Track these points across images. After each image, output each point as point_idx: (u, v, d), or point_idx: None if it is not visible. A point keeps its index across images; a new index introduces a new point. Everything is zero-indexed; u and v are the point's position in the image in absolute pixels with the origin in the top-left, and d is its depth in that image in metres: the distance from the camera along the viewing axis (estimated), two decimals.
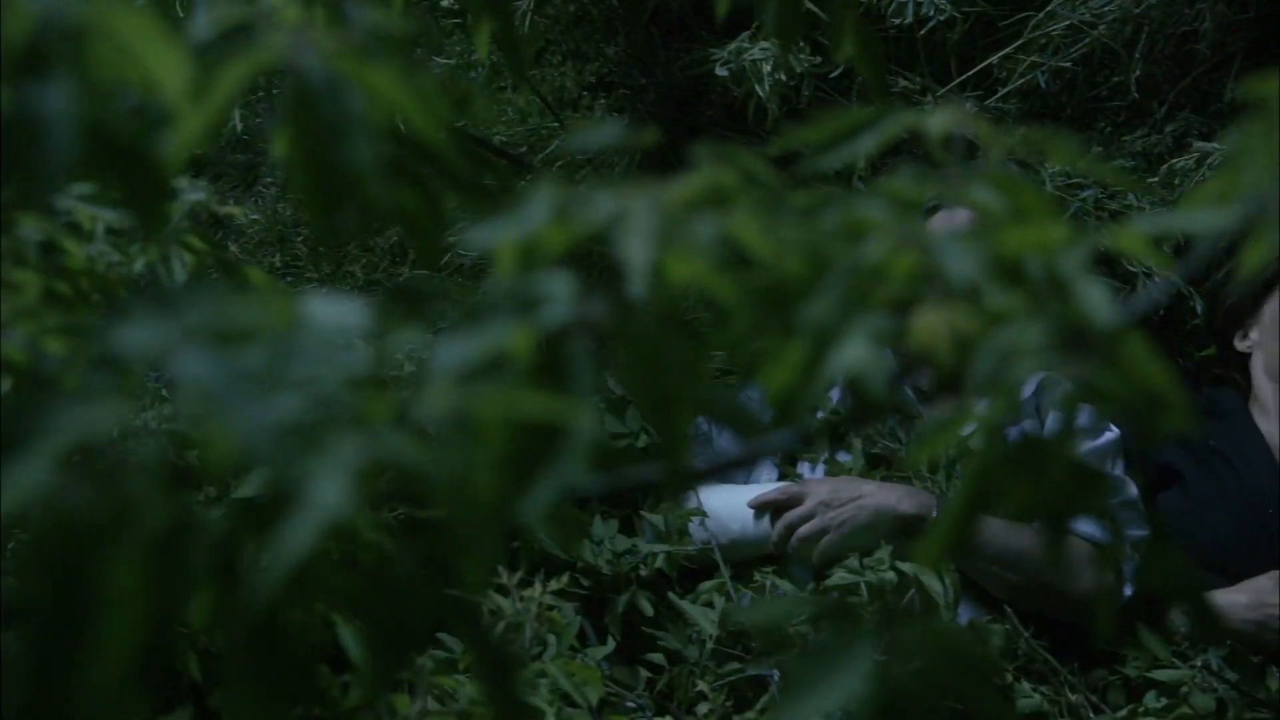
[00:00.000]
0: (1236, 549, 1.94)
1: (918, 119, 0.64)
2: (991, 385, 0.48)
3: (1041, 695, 1.78)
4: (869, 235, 0.50)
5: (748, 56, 1.73)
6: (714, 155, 0.58)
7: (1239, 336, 2.15)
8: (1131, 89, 2.30)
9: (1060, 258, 0.52)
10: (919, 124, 0.64)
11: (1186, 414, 0.51)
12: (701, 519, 1.92)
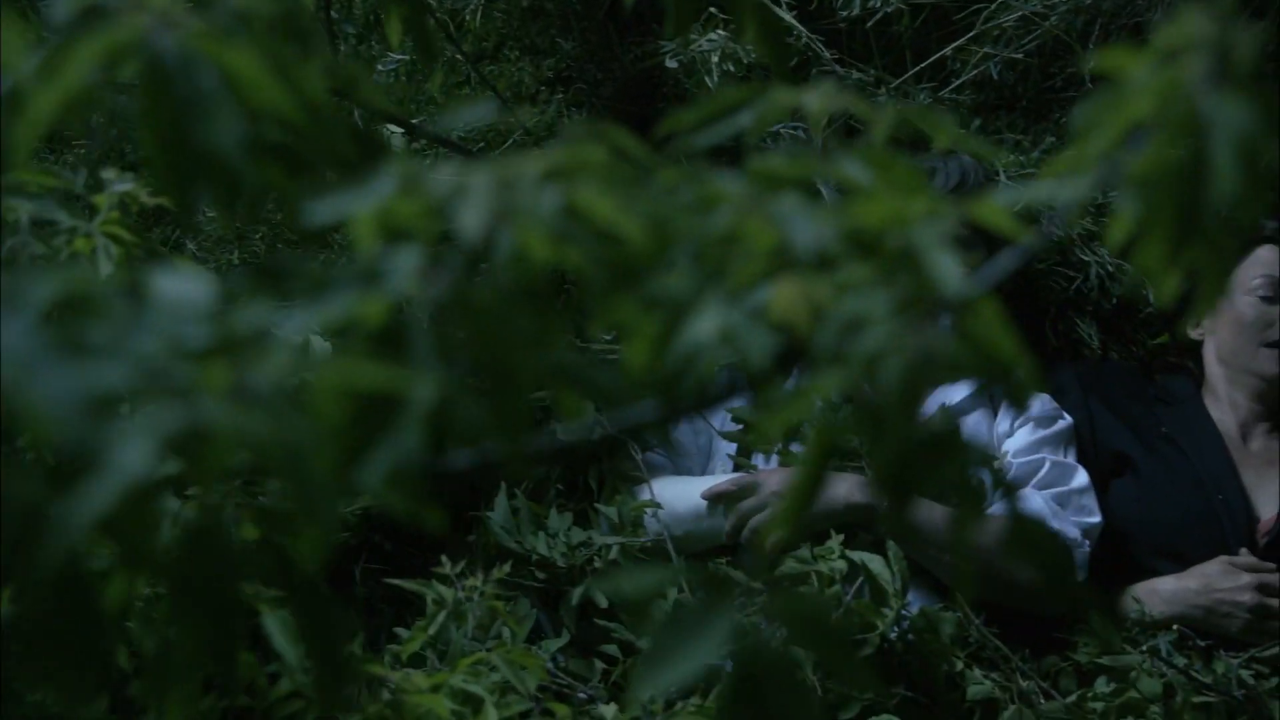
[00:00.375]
0: (1186, 535, 1.96)
1: (796, 97, 0.64)
2: (836, 355, 0.48)
3: (993, 682, 1.79)
4: (720, 207, 0.51)
5: (695, 48, 1.74)
6: (586, 132, 0.59)
7: (1192, 325, 2.17)
8: (1085, 79, 2.31)
9: (915, 230, 0.52)
10: (798, 102, 0.64)
11: (1034, 382, 0.52)
12: (656, 511, 1.92)
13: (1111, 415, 2.08)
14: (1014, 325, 0.55)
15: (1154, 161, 0.50)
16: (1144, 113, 0.51)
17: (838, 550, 1.77)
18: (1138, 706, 1.72)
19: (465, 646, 1.53)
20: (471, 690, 1.35)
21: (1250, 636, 1.83)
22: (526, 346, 0.47)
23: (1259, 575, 1.87)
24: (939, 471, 0.50)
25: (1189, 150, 0.50)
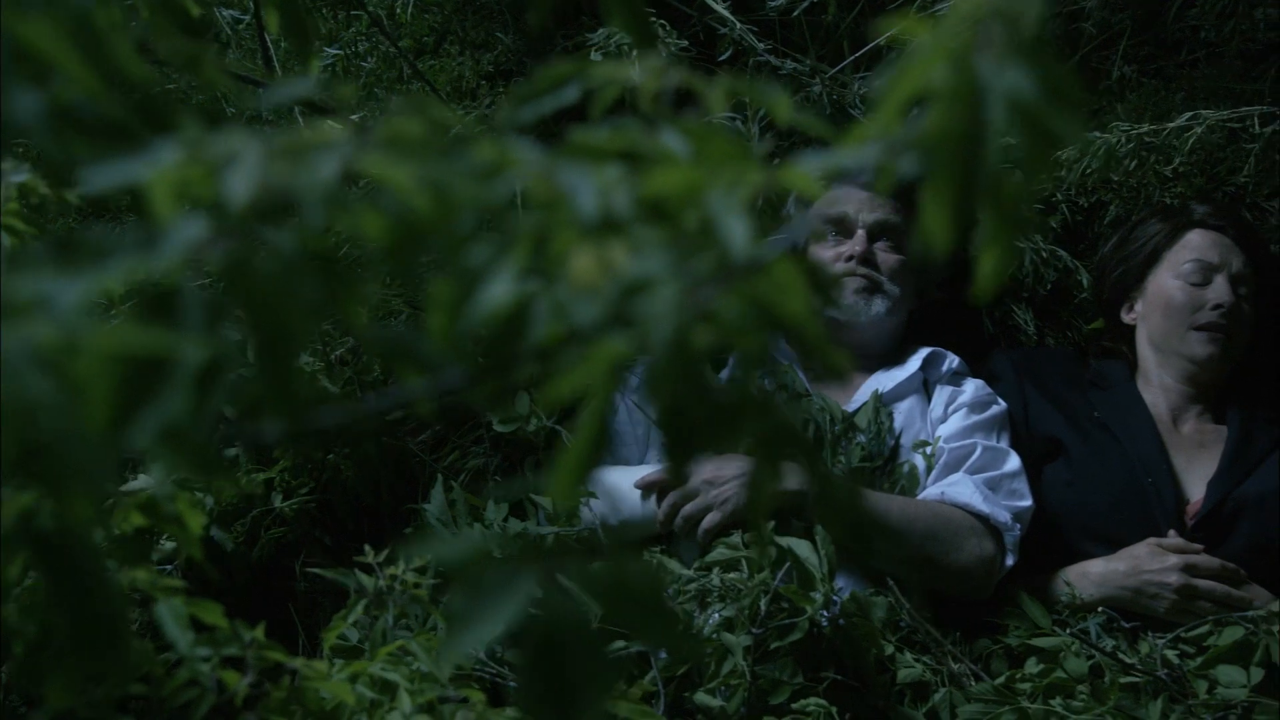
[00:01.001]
0: (1116, 518, 1.97)
1: (623, 72, 0.65)
2: (618, 318, 0.49)
3: (924, 665, 1.80)
4: (506, 174, 0.51)
5: (616, 39, 1.75)
6: (406, 106, 0.59)
7: (1125, 309, 2.19)
8: None
9: (712, 197, 0.53)
10: (626, 77, 0.65)
11: (824, 347, 0.53)
12: (590, 501, 1.93)
13: (1045, 400, 2.10)
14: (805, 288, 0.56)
15: (935, 126, 0.51)
16: (927, 79, 0.51)
17: (767, 537, 1.78)
18: (1065, 686, 1.74)
19: (396, 635, 1.53)
20: (389, 678, 1.36)
21: (1177, 616, 1.85)
22: (305, 314, 0.47)
23: (1186, 556, 1.88)
24: (730, 431, 0.51)
25: (968, 115, 0.51)
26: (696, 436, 0.51)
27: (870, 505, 0.56)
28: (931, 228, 0.51)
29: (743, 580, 1.76)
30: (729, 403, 0.52)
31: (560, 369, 0.50)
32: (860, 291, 2.07)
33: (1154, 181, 2.19)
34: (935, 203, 0.51)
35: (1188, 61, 2.33)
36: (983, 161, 0.50)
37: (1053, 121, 0.52)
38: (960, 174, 0.50)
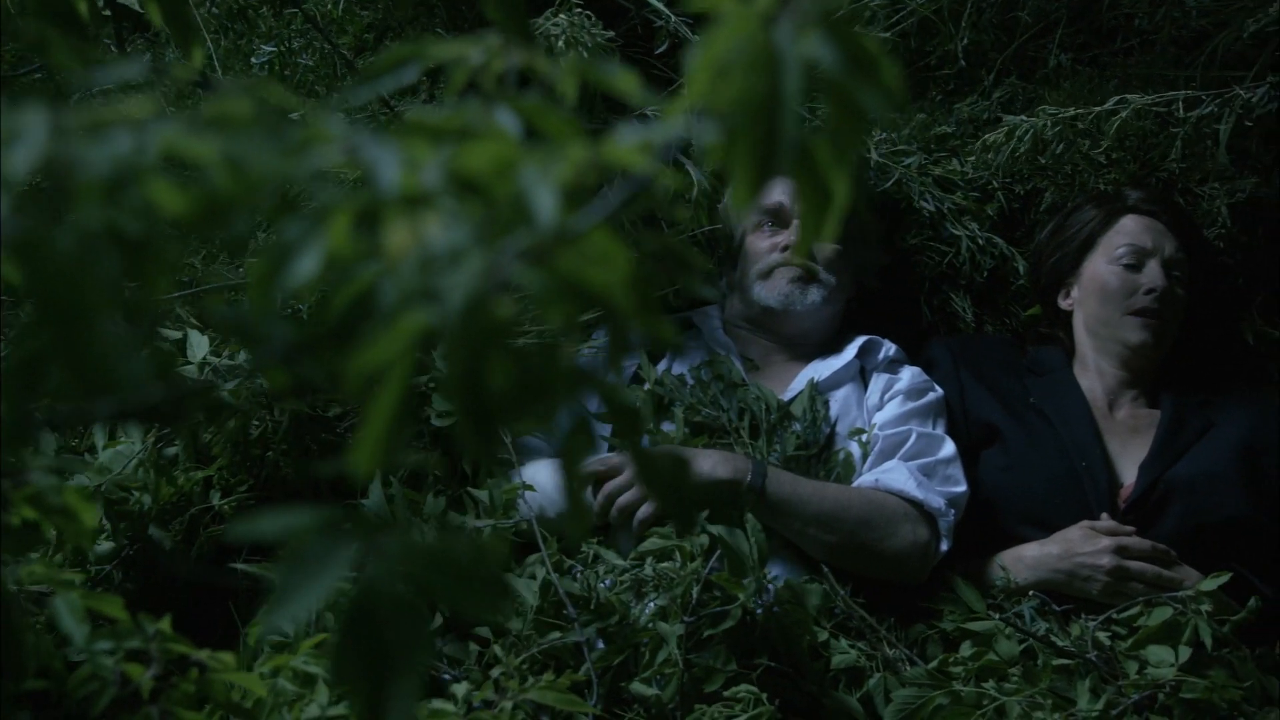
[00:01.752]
0: (1051, 502, 1.99)
1: (461, 50, 0.66)
2: (421, 291, 0.49)
3: (858, 651, 1.81)
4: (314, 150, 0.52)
5: (540, 31, 1.75)
6: (236, 87, 0.60)
7: (1062, 296, 2.20)
8: (959, 57, 2.35)
9: (523, 172, 0.54)
10: (464, 54, 0.66)
11: (644, 318, 0.53)
12: (528, 493, 1.93)
13: (981, 387, 2.11)
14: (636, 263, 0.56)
15: (733, 93, 0.51)
16: (728, 49, 0.52)
17: (700, 526, 1.79)
18: (997, 669, 1.75)
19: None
20: (312, 671, 1.36)
21: (1110, 598, 1.87)
22: (100, 290, 0.48)
23: (1118, 539, 1.90)
24: (538, 403, 0.52)
25: (766, 83, 0.51)
26: (503, 409, 0.51)
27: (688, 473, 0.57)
28: (734, 193, 0.52)
29: (675, 569, 1.77)
30: (538, 374, 0.52)
31: (364, 342, 0.51)
32: (795, 281, 2.08)
33: (1088, 168, 2.21)
34: (736, 169, 0.51)
35: (1122, 50, 2.35)
36: (781, 128, 0.51)
37: (859, 92, 0.53)
38: (759, 141, 0.51)
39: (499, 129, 0.59)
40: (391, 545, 0.54)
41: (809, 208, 0.53)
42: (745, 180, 0.52)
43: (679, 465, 0.58)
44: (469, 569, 0.55)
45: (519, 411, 0.51)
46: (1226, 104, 2.08)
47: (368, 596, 0.53)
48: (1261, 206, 2.22)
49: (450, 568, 0.54)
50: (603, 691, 1.73)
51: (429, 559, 0.54)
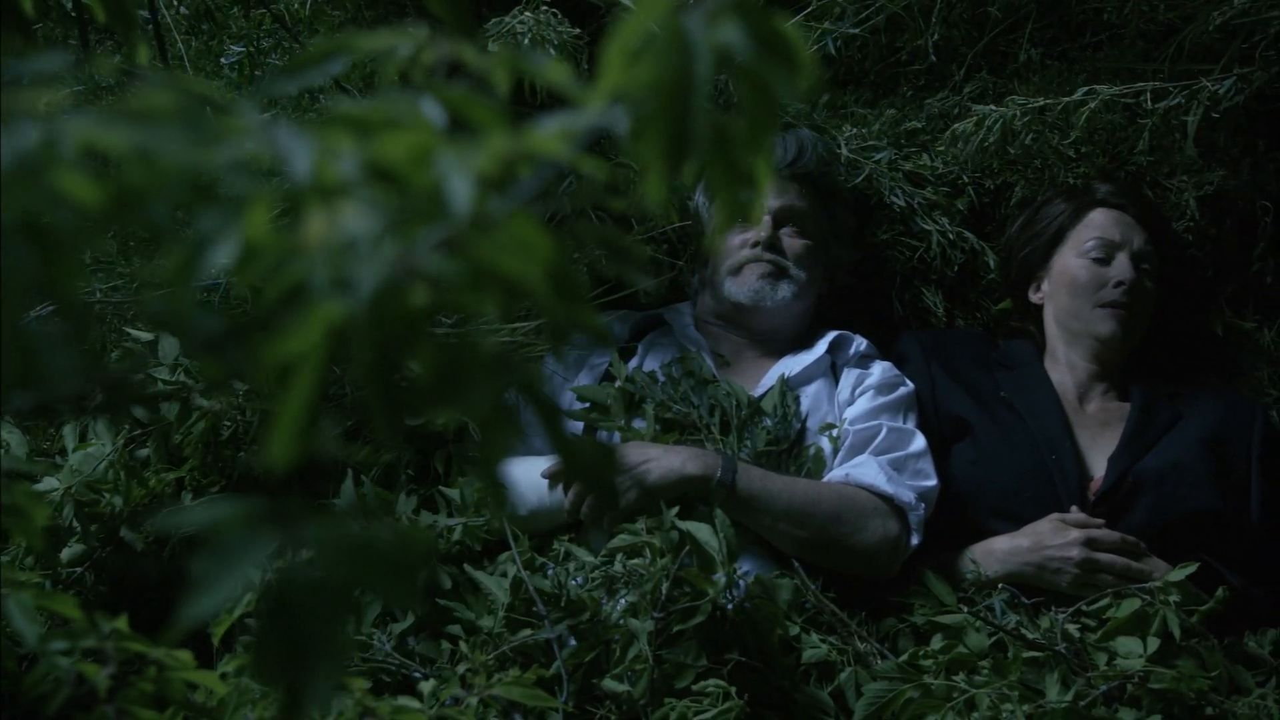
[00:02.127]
0: (1021, 496, 1.99)
1: (390, 41, 0.66)
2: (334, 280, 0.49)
3: (829, 645, 1.81)
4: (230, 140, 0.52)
5: (508, 29, 1.75)
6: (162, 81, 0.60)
7: (1032, 289, 2.21)
8: (929, 53, 2.35)
9: (439, 160, 0.54)
10: (391, 45, 0.66)
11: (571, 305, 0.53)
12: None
13: (952, 381, 2.11)
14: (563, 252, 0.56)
15: (644, 78, 0.52)
16: (640, 35, 0.52)
17: (669, 522, 1.79)
18: (967, 662, 1.75)
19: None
20: None
21: (1080, 590, 1.87)
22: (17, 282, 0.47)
23: (1087, 531, 1.90)
24: (452, 394, 0.52)
25: (677, 67, 0.51)
26: (418, 399, 0.51)
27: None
28: (647, 181, 0.52)
29: (645, 565, 1.77)
30: (454, 364, 0.52)
31: (278, 332, 0.51)
32: (765, 277, 2.08)
33: (1057, 162, 2.22)
34: (648, 154, 0.51)
35: (1091, 44, 2.35)
36: (692, 114, 0.51)
37: (770, 77, 0.53)
38: (671, 126, 0.51)
39: (421, 119, 0.59)
40: (312, 535, 0.54)
41: (724, 193, 0.53)
42: (658, 167, 0.52)
43: (604, 453, 0.58)
44: (389, 559, 0.55)
45: (434, 401, 0.51)
46: (1193, 97, 2.09)
47: (286, 586, 0.53)
48: (1229, 199, 2.23)
49: (371, 557, 0.54)
50: (574, 688, 1.73)
51: (349, 548, 0.54)
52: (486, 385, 0.54)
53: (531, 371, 0.55)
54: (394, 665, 1.74)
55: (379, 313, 0.48)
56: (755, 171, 0.56)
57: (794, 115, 2.23)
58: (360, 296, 0.48)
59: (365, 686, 1.34)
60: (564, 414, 2.06)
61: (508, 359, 0.55)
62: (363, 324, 0.48)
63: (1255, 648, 1.86)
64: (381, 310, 0.48)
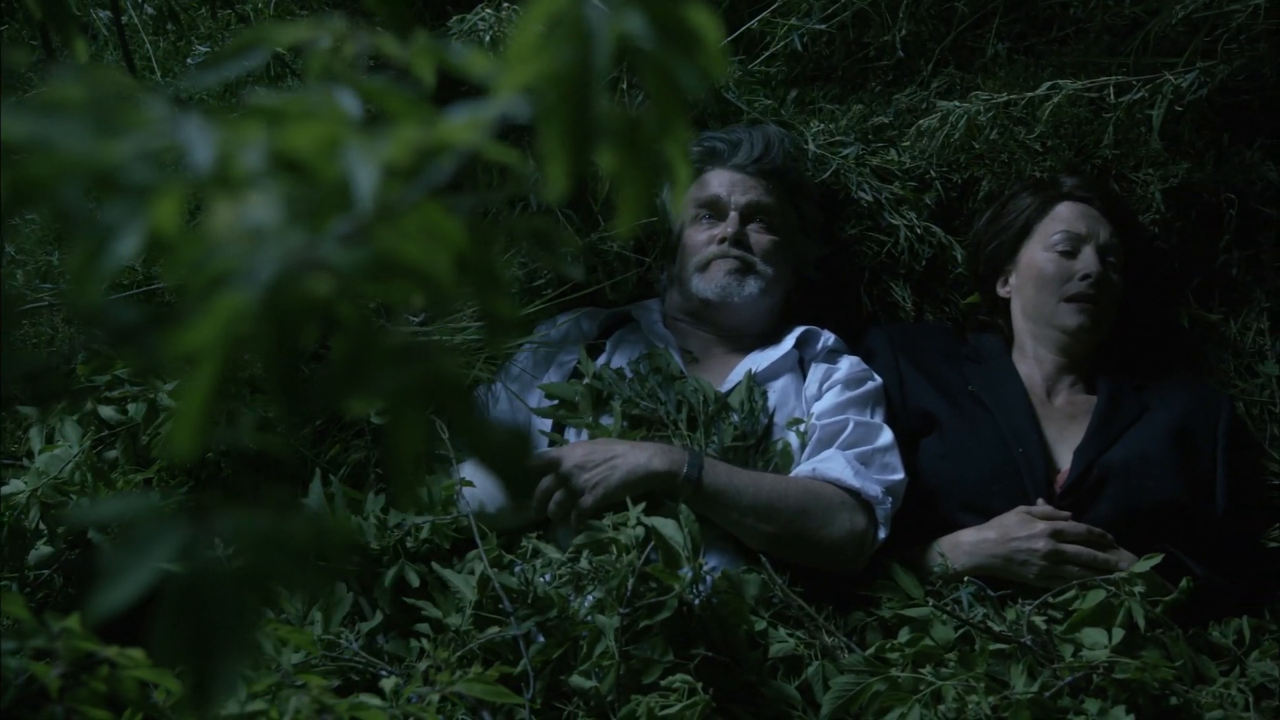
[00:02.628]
0: (989, 489, 2.00)
1: (307, 33, 0.66)
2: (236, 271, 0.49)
3: (797, 640, 1.82)
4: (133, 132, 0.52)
5: (470, 26, 1.75)
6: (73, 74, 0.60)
7: (1000, 283, 2.22)
8: (897, 48, 2.36)
9: (346, 151, 0.54)
10: (308, 37, 0.66)
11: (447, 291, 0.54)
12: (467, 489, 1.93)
13: (920, 375, 2.12)
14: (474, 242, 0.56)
15: (545, 68, 0.52)
16: (543, 24, 0.52)
17: (634, 518, 1.79)
18: (934, 654, 1.76)
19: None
20: None
21: (1047, 582, 1.88)
22: None
23: (1053, 523, 1.91)
24: (356, 383, 0.52)
25: (578, 57, 0.52)
26: (325, 389, 0.52)
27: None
28: (548, 169, 0.52)
29: (611, 561, 1.77)
30: (359, 353, 0.52)
31: (182, 323, 0.51)
32: (733, 273, 2.09)
33: (1024, 156, 2.22)
34: (550, 144, 0.51)
35: (1058, 38, 2.36)
36: (592, 103, 0.51)
37: (675, 67, 0.53)
38: (572, 115, 0.51)
39: (332, 111, 0.59)
40: (223, 526, 0.54)
41: (631, 185, 0.54)
42: (559, 157, 0.52)
43: (517, 440, 0.58)
44: (301, 550, 0.55)
45: (341, 390, 0.51)
46: (1157, 90, 2.10)
47: (194, 576, 0.53)
48: (1194, 192, 2.24)
49: (281, 549, 0.54)
50: (542, 685, 1.73)
51: (260, 540, 0.54)
52: (394, 374, 0.54)
53: (442, 360, 0.55)
54: (361, 664, 1.73)
55: (276, 303, 0.48)
56: (672, 161, 0.56)
57: (761, 111, 2.24)
58: (257, 287, 0.48)
59: (323, 684, 1.34)
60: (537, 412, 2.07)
61: (418, 348, 0.55)
62: (260, 314, 0.48)
63: (1219, 638, 1.87)
64: (278, 300, 0.48)
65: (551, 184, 0.53)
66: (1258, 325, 2.22)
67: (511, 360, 2.12)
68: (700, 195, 2.13)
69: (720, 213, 2.12)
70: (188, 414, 0.51)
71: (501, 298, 0.59)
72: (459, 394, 0.57)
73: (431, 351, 0.55)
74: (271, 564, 0.54)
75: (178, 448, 0.52)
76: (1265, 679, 1.74)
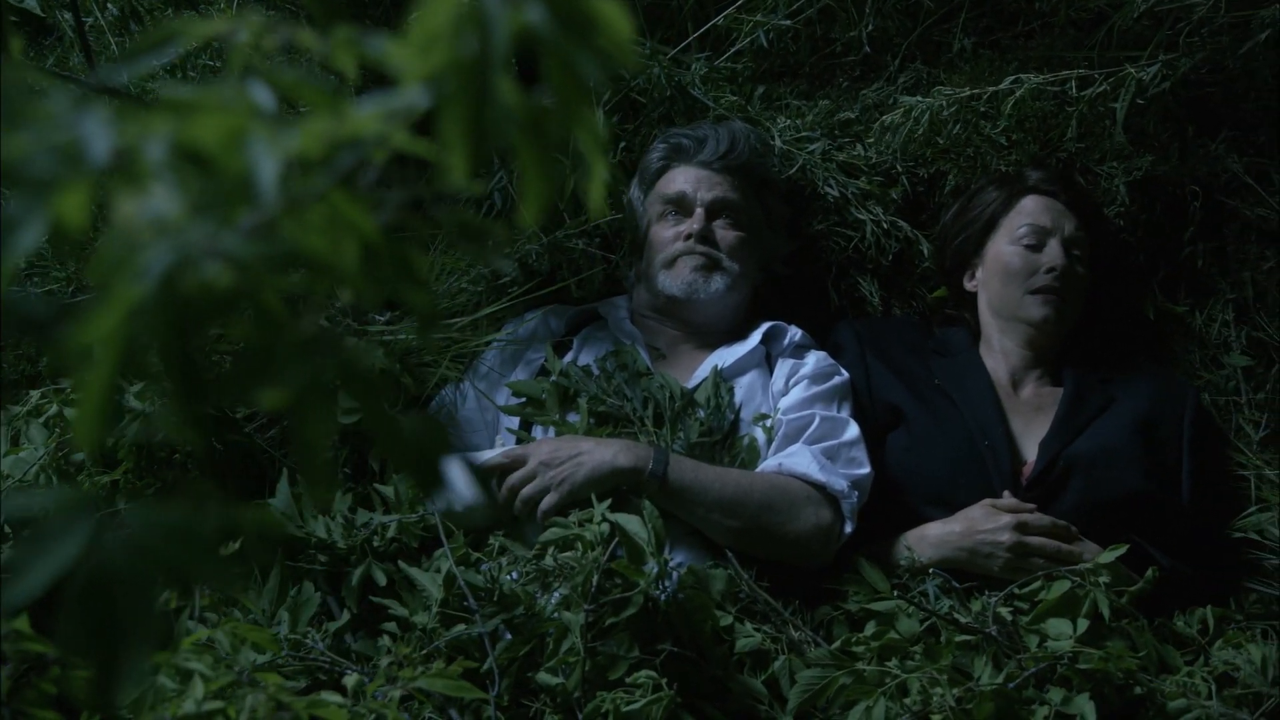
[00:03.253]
0: (954, 482, 2.00)
1: (222, 27, 0.66)
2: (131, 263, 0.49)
3: (763, 634, 1.82)
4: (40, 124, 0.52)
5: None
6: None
7: (966, 277, 2.22)
8: (864, 44, 2.36)
9: (249, 143, 0.54)
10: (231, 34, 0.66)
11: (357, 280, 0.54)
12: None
13: (887, 369, 2.13)
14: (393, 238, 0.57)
15: (444, 57, 0.52)
16: (442, 14, 0.52)
17: (599, 515, 1.79)
18: (899, 647, 1.76)
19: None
20: (192, 667, 1.35)
21: (1012, 574, 1.88)
22: None
23: (1018, 515, 1.92)
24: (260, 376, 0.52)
25: (476, 46, 0.52)
26: (228, 381, 0.52)
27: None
28: (449, 157, 0.52)
29: (576, 558, 1.77)
30: (263, 346, 0.52)
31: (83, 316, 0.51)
32: (698, 269, 2.09)
33: (990, 150, 2.23)
34: (450, 133, 0.52)
35: (1023, 33, 2.37)
36: (491, 92, 0.51)
37: (575, 56, 0.53)
38: (471, 104, 0.51)
39: (245, 103, 0.59)
40: (131, 520, 0.54)
41: (535, 174, 0.54)
42: (459, 147, 0.52)
43: (432, 433, 0.58)
44: (209, 542, 0.55)
45: (244, 383, 0.51)
46: (1120, 83, 2.11)
47: (99, 568, 0.53)
48: (1159, 184, 2.25)
49: (189, 541, 0.54)
50: (509, 682, 1.73)
51: (168, 531, 0.54)
52: (301, 366, 0.54)
53: (352, 352, 0.55)
54: (326, 663, 1.73)
55: (171, 296, 0.48)
56: (586, 152, 0.56)
57: (728, 108, 2.24)
58: (152, 279, 0.48)
59: (281, 682, 1.34)
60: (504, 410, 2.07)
61: (327, 340, 0.55)
62: (157, 306, 0.48)
63: (1184, 627, 1.88)
64: (174, 293, 0.48)
65: (453, 172, 0.53)
66: (1223, 317, 2.23)
67: (480, 359, 2.12)
68: (667, 192, 2.13)
69: (686, 209, 2.12)
70: (86, 406, 0.51)
71: (418, 290, 0.59)
72: (369, 387, 0.57)
73: (341, 343, 0.55)
74: (178, 555, 0.54)
75: (79, 440, 0.52)
76: (1228, 667, 1.74)
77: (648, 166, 2.17)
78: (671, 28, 2.39)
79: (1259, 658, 1.73)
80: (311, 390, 0.54)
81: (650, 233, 2.15)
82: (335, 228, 0.54)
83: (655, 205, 2.15)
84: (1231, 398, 2.19)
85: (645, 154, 2.19)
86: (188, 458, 2.07)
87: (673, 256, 2.11)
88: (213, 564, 0.54)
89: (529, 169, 0.54)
